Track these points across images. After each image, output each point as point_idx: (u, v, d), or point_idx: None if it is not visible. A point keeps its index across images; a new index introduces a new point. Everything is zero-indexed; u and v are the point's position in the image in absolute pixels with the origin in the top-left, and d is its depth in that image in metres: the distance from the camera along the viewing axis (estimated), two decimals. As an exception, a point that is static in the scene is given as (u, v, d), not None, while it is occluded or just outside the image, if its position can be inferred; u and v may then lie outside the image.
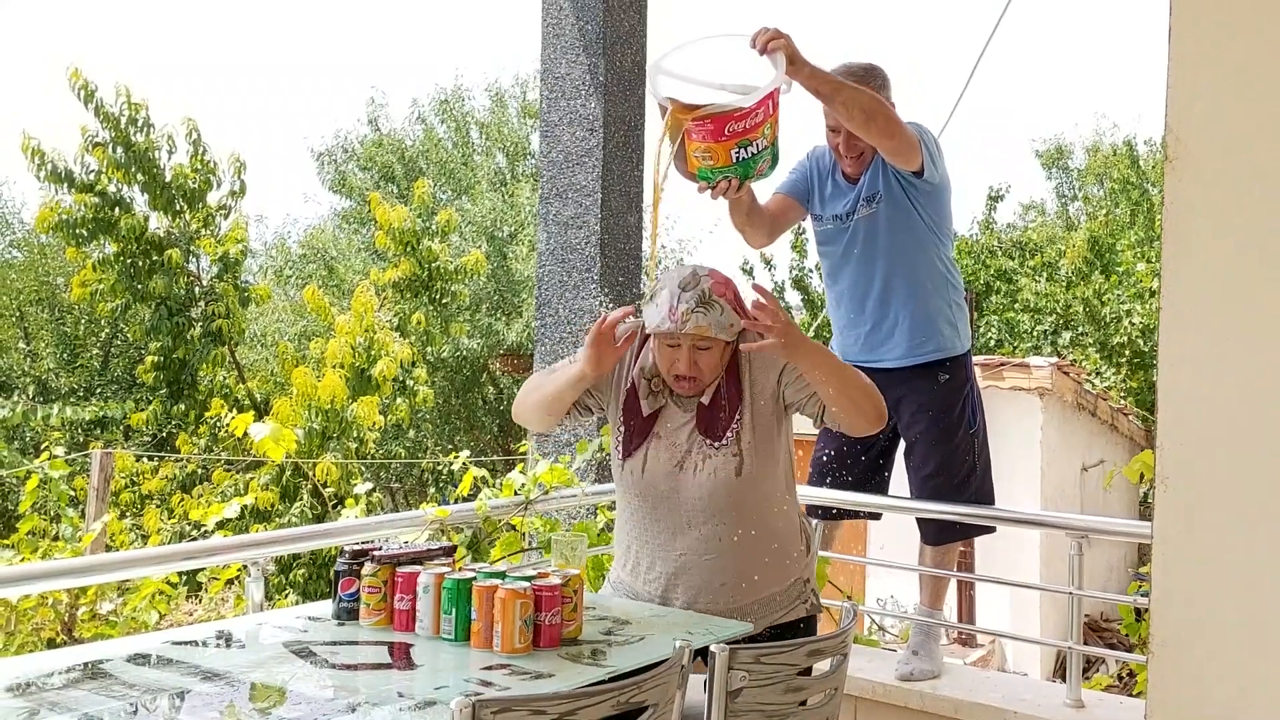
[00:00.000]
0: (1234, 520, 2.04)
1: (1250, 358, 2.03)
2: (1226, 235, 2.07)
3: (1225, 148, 2.08)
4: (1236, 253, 2.06)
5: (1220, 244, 2.08)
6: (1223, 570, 2.06)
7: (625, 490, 2.57)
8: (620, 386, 2.57)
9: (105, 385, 15.84)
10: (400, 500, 14.11)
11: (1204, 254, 2.09)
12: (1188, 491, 2.11)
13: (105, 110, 10.61)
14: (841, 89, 2.86)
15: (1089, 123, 33.93)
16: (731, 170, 2.57)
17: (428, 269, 11.48)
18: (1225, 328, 2.07)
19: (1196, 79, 2.11)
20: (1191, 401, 2.11)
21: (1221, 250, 2.08)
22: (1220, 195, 2.08)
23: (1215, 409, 2.07)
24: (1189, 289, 2.11)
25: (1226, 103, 2.08)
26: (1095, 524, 3.39)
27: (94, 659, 2.11)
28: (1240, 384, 2.03)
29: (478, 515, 3.61)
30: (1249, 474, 2.02)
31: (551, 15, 5.39)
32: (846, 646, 2.08)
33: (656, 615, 2.45)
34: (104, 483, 7.82)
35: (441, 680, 2.03)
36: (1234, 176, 2.07)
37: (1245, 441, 2.03)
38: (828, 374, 2.37)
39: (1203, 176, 2.10)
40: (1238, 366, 2.04)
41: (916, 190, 3.26)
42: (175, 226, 11.12)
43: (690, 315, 2.34)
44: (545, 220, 5.47)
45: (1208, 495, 2.08)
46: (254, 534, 3.66)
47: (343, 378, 9.54)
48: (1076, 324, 14.44)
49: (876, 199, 3.29)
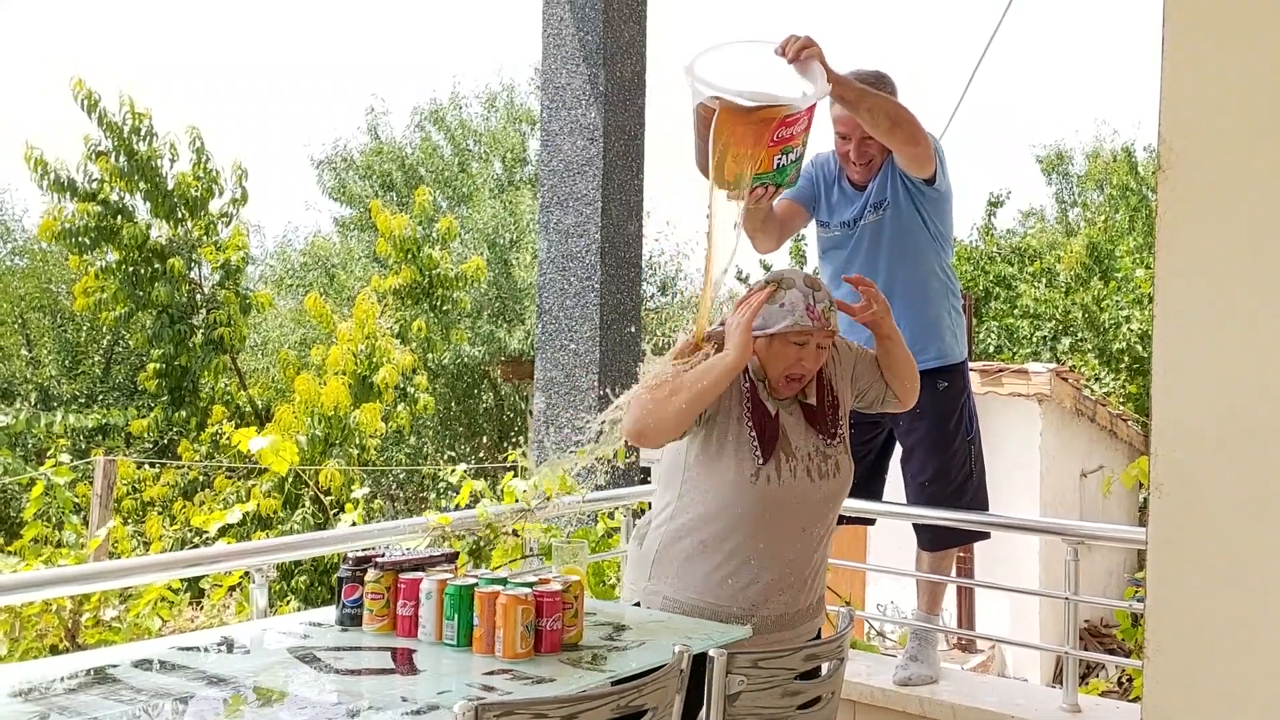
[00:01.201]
0: (1229, 527, 2.07)
1: (1244, 365, 2.06)
2: (1220, 243, 2.10)
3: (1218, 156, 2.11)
4: (1230, 260, 2.09)
5: (1214, 251, 2.11)
6: (1218, 576, 2.09)
7: (749, 498, 2.40)
8: (738, 387, 2.46)
9: (107, 392, 15.87)
10: (402, 507, 14.13)
11: (1198, 261, 2.12)
12: (1182, 498, 2.13)
13: (109, 120, 10.65)
14: (866, 95, 2.88)
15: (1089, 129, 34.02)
16: (771, 177, 2.51)
17: (428, 276, 11.53)
18: (1219, 335, 2.10)
19: (1189, 88, 2.14)
20: (1186, 408, 2.14)
21: (1215, 257, 2.11)
22: (1214, 203, 2.11)
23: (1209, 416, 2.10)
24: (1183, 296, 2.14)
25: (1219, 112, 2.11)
26: (1090, 530, 3.41)
27: (100, 664, 2.14)
28: (1234, 391, 2.06)
29: (479, 522, 3.64)
30: (1243, 481, 2.05)
31: (552, 26, 5.43)
32: (843, 651, 2.10)
33: (656, 621, 2.47)
34: (107, 489, 7.84)
35: (444, 685, 2.05)
36: (1227, 185, 2.10)
37: (1239, 448, 2.05)
38: (902, 346, 2.58)
39: (1196, 185, 2.13)
40: (1232, 374, 2.07)
41: (924, 197, 3.28)
42: (176, 235, 11.16)
43: (830, 313, 2.40)
44: (546, 228, 5.50)
45: (1202, 502, 2.10)
46: (257, 541, 3.69)
47: (345, 384, 9.57)
48: (1075, 330, 14.48)
49: (884, 206, 3.31)
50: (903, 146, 3.03)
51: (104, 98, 10.59)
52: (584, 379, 5.34)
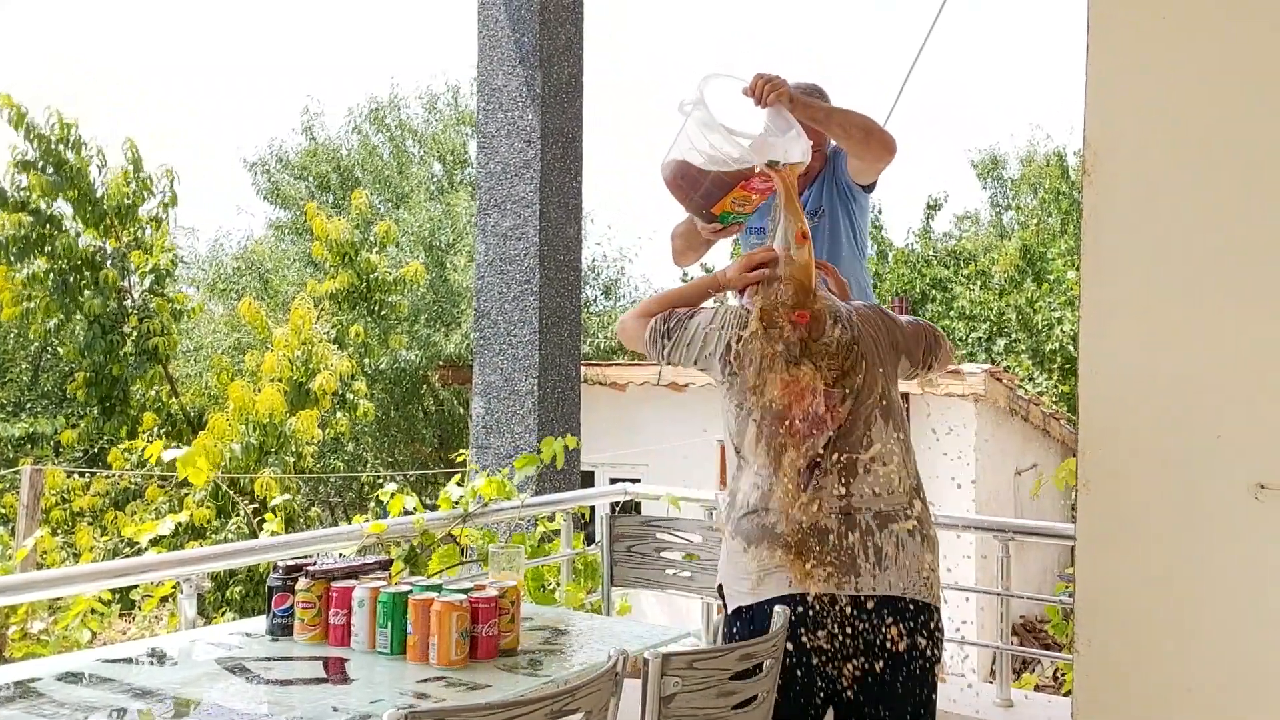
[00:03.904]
0: (1153, 522, 2.11)
1: (1167, 364, 2.11)
2: (1143, 246, 2.15)
3: (1141, 162, 2.16)
4: (1152, 263, 2.14)
5: (1137, 254, 2.16)
6: (1144, 570, 2.13)
7: None
8: None
9: (35, 400, 15.50)
10: (340, 515, 13.96)
11: (1121, 264, 2.17)
12: (1109, 494, 2.18)
13: (37, 132, 10.43)
14: (834, 113, 2.87)
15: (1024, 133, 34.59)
16: (748, 218, 2.62)
17: (366, 280, 11.41)
18: (1142, 336, 2.14)
19: (1112, 96, 2.18)
20: (1111, 407, 2.18)
21: (1138, 260, 2.16)
22: (1136, 208, 2.16)
23: (1134, 415, 2.14)
24: (1106, 298, 2.19)
25: (1141, 119, 2.16)
26: (1021, 526, 3.46)
27: (23, 677, 2.09)
28: (1158, 390, 2.11)
29: (415, 529, 3.60)
30: (1167, 477, 2.10)
31: (487, 27, 5.40)
32: (780, 650, 2.11)
33: (593, 625, 2.47)
34: (34, 499, 7.67)
35: (377, 694, 2.03)
36: (1148, 190, 2.15)
37: (1163, 445, 2.10)
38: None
39: (1120, 189, 2.18)
40: (1155, 373, 2.11)
41: (856, 205, 3.31)
42: (116, 244, 10.93)
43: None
44: (484, 231, 5.47)
45: (1128, 498, 2.15)
46: (186, 551, 3.62)
47: (281, 391, 9.44)
48: (1010, 331, 14.73)
49: (819, 214, 3.33)
50: (879, 153, 2.98)
51: (30, 109, 10.37)
52: (523, 383, 5.32)
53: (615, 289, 18.22)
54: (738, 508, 2.25)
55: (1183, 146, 2.10)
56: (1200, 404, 2.04)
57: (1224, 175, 2.02)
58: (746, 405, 2.26)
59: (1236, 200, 2.01)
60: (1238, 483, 1.97)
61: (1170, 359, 2.12)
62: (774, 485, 2.19)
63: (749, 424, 2.25)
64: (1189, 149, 2.09)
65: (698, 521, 3.54)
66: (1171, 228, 2.12)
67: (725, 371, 2.30)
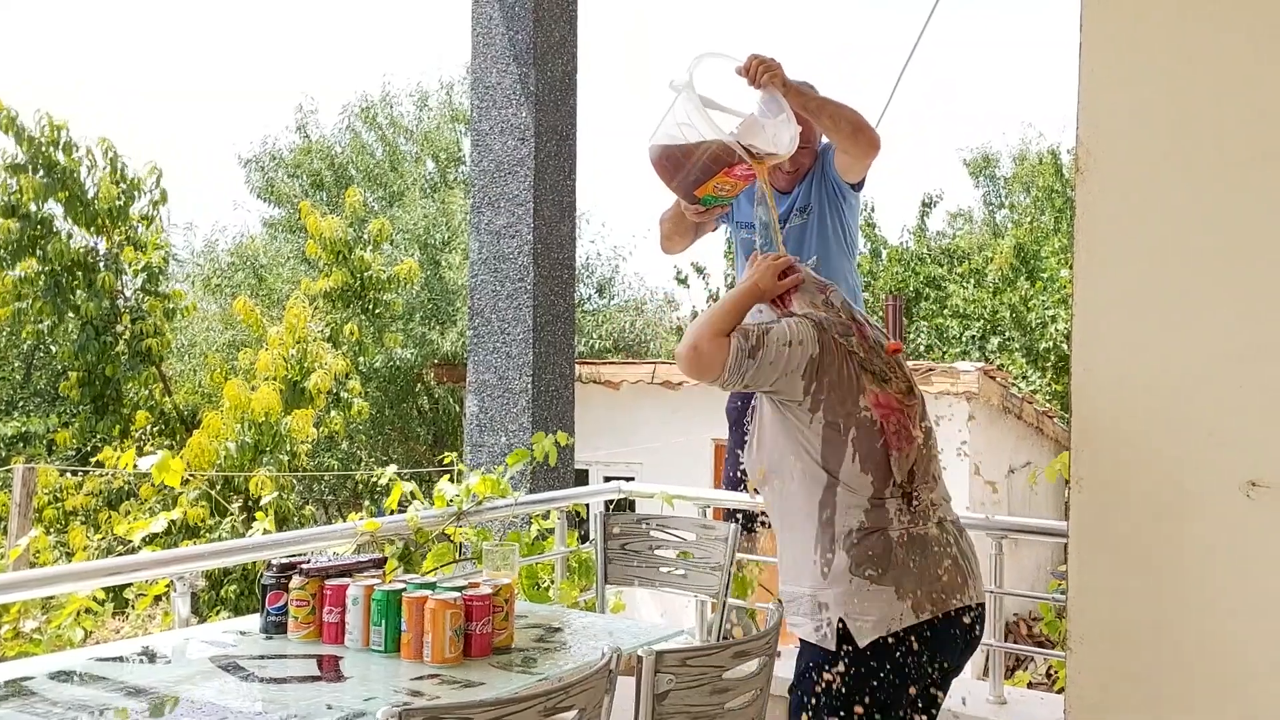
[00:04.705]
0: (1146, 519, 2.12)
1: (1160, 362, 2.11)
2: (1136, 244, 2.15)
3: (1134, 160, 2.16)
4: (1144, 260, 2.14)
5: (1130, 252, 2.16)
6: (1136, 567, 2.14)
7: None
8: None
9: (28, 399, 15.46)
10: (335, 513, 13.95)
11: (1114, 262, 2.17)
12: (1101, 491, 2.18)
13: (28, 136, 10.40)
14: (826, 104, 2.88)
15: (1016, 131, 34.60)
16: (730, 200, 2.63)
17: (360, 278, 11.39)
18: (1135, 333, 2.15)
19: (1105, 95, 2.19)
20: (1104, 405, 2.19)
21: (1131, 258, 2.16)
22: (1129, 205, 2.17)
23: (1127, 412, 2.15)
24: (1100, 296, 2.19)
25: (1134, 117, 2.16)
26: (1013, 524, 3.47)
27: (16, 676, 2.08)
28: (1151, 388, 2.11)
29: (409, 527, 3.60)
30: (1160, 474, 2.10)
31: (481, 24, 5.39)
32: (773, 647, 2.11)
33: (587, 623, 2.47)
34: (26, 498, 7.65)
35: (371, 691, 2.03)
36: (1141, 187, 2.15)
37: (1156, 443, 2.11)
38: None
39: (1112, 187, 2.19)
40: (1148, 371, 2.12)
41: (845, 203, 3.31)
42: (110, 244, 10.90)
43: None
44: (477, 229, 5.46)
45: (1120, 495, 2.16)
46: (179, 549, 3.61)
47: (276, 389, 9.43)
48: (1003, 329, 14.74)
49: (808, 210, 3.33)
50: (867, 149, 3.01)
51: (21, 111, 10.34)
52: (517, 381, 5.31)
53: (609, 287, 18.22)
54: (840, 531, 2.13)
55: (1176, 144, 2.10)
56: (1193, 402, 2.05)
57: (1217, 173, 2.03)
58: (839, 422, 2.16)
59: (1229, 198, 2.02)
60: (1230, 480, 1.98)
61: (1163, 357, 2.12)
62: (886, 503, 2.14)
63: (846, 443, 2.15)
64: (1182, 147, 2.10)
65: (692, 519, 3.54)
66: (1165, 226, 2.12)
67: (811, 390, 2.18)
